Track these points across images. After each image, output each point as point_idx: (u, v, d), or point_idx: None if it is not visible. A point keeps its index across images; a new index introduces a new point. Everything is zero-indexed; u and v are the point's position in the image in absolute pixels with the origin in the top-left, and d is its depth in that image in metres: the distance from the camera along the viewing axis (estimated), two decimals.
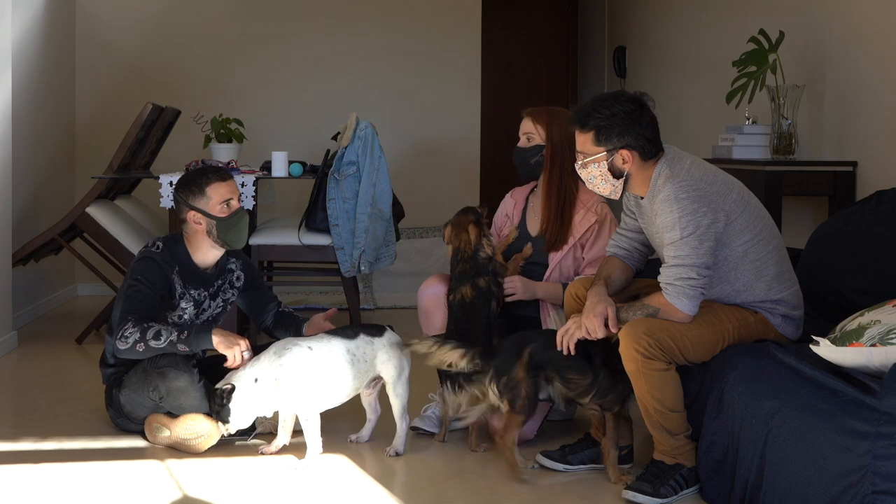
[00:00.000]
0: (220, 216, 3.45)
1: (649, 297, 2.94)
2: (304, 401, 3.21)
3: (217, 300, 3.61)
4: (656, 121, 3.02)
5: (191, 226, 3.47)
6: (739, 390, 2.77)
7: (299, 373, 3.19)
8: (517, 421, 3.09)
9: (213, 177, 3.47)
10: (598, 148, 3.00)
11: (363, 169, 4.80)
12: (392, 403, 3.35)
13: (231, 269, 3.65)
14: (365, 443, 3.46)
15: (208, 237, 3.47)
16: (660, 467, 2.95)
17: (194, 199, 3.45)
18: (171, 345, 3.28)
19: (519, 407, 3.07)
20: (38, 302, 5.67)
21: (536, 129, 3.60)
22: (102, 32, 6.48)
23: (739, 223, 2.93)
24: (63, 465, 3.22)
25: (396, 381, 3.33)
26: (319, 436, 3.23)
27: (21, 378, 4.46)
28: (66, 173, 6.26)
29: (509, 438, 3.09)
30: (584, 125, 3.01)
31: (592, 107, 3.01)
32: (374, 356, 3.32)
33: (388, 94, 6.75)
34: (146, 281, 3.38)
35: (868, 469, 2.32)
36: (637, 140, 2.97)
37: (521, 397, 3.07)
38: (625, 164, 3.00)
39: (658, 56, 6.51)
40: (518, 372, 3.07)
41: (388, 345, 3.34)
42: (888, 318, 2.58)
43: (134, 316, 3.32)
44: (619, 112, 2.97)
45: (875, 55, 4.01)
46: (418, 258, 6.53)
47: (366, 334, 3.33)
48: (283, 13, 6.67)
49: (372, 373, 3.34)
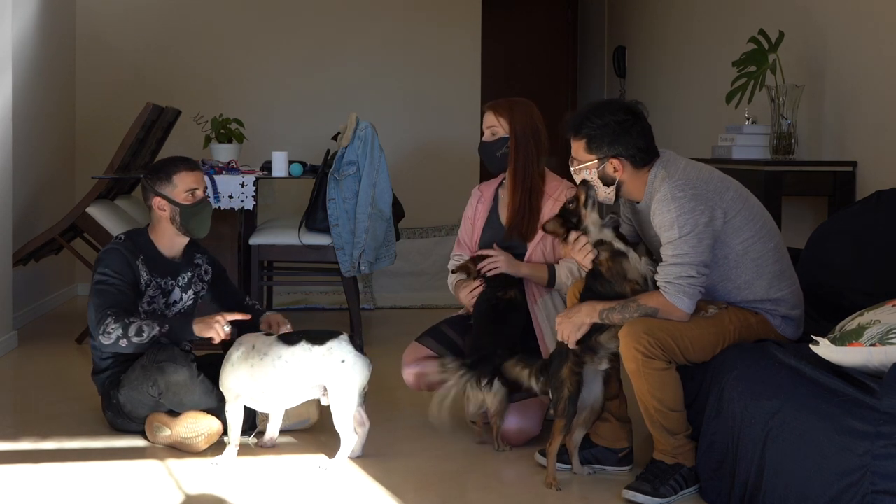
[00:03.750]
0: (184, 203, 3.52)
1: (645, 297, 2.94)
2: (228, 392, 3.29)
3: (188, 293, 3.65)
4: (650, 129, 3.03)
5: (155, 212, 3.55)
6: (739, 390, 2.77)
7: (233, 366, 3.28)
8: (560, 426, 3.05)
9: (181, 165, 3.57)
10: (589, 156, 3.03)
11: (363, 169, 4.81)
12: (332, 413, 3.23)
13: (198, 264, 3.71)
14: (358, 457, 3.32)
15: (172, 224, 3.54)
16: (660, 467, 2.95)
17: (161, 186, 3.53)
18: (152, 338, 3.32)
19: (560, 410, 3.04)
20: (38, 302, 5.67)
21: (499, 122, 3.60)
22: (102, 32, 6.49)
23: (738, 220, 2.94)
24: (63, 465, 3.22)
25: (335, 391, 3.19)
26: (239, 430, 3.29)
27: (21, 378, 4.46)
28: (66, 173, 6.26)
29: (554, 447, 3.06)
30: (577, 133, 3.04)
31: (585, 115, 3.03)
32: (314, 364, 3.22)
33: (388, 94, 6.75)
34: (113, 273, 3.42)
35: (868, 469, 2.32)
36: (628, 149, 2.99)
37: (563, 398, 3.04)
38: (616, 173, 3.01)
39: (658, 56, 6.51)
40: (564, 370, 3.04)
41: (329, 354, 3.21)
42: (888, 318, 2.58)
43: (112, 311, 3.36)
44: (610, 122, 2.98)
45: (875, 55, 4.01)
46: (418, 258, 6.53)
47: (308, 342, 3.25)
48: (284, 13, 6.67)
49: (312, 381, 3.25)
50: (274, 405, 3.34)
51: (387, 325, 5.73)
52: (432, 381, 3.48)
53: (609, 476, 3.15)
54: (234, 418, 3.30)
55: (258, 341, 3.31)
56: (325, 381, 3.22)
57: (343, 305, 6.03)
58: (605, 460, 3.21)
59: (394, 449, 3.44)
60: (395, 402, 4.04)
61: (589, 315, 3.00)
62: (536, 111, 3.62)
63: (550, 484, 3.03)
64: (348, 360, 3.20)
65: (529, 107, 3.62)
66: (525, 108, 3.60)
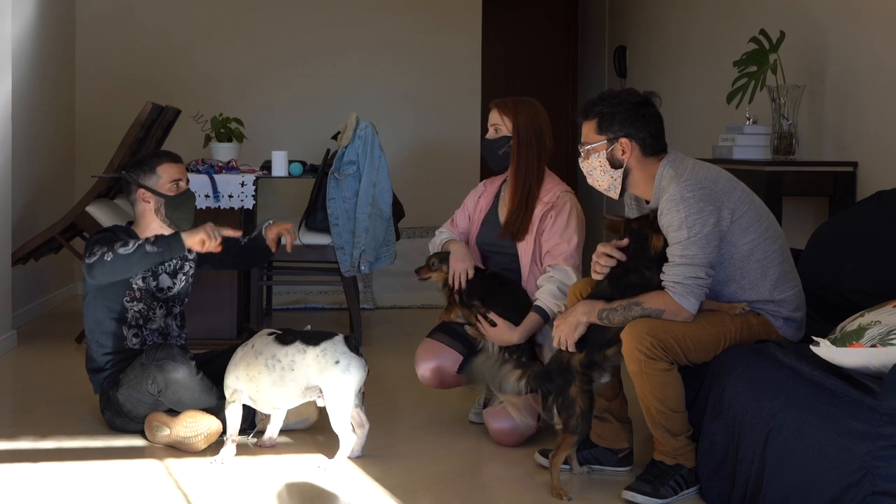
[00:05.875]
0: (168, 194, 3.55)
1: (649, 298, 2.92)
2: (227, 389, 3.33)
3: (178, 276, 3.66)
4: (661, 120, 3.03)
5: (140, 205, 3.58)
6: (739, 391, 2.77)
7: (234, 364, 3.32)
8: (570, 441, 3.02)
9: (164, 157, 3.61)
10: (599, 136, 3.02)
11: (363, 168, 4.80)
12: (329, 415, 3.22)
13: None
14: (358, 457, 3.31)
15: (156, 216, 3.57)
16: (660, 468, 2.95)
17: (144, 178, 3.56)
18: (138, 248, 3.32)
19: (572, 427, 2.99)
20: (38, 301, 5.67)
21: (503, 120, 3.59)
22: (102, 32, 6.48)
23: (745, 220, 2.93)
24: (62, 465, 3.22)
25: (330, 392, 3.17)
26: (237, 428, 3.31)
27: (21, 377, 4.46)
28: (66, 173, 6.26)
29: (559, 459, 3.02)
30: (589, 113, 3.04)
31: (599, 97, 3.05)
32: (306, 366, 3.20)
33: (388, 93, 6.75)
34: (106, 239, 3.42)
35: (868, 470, 2.32)
36: (638, 132, 2.98)
37: (576, 416, 2.99)
38: (624, 155, 3.00)
39: (658, 56, 6.51)
40: (573, 389, 2.99)
41: (322, 355, 3.18)
42: (888, 319, 2.58)
43: (100, 241, 3.38)
44: (624, 101, 3.00)
45: (875, 55, 4.01)
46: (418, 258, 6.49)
47: (303, 342, 3.23)
48: (284, 13, 6.67)
49: (304, 382, 3.23)
50: (271, 405, 3.33)
51: (387, 325, 5.73)
52: (449, 376, 3.56)
53: (609, 476, 3.15)
54: (232, 416, 3.31)
55: (258, 341, 3.31)
56: (319, 383, 3.20)
57: (343, 305, 6.03)
58: (606, 461, 3.21)
59: (393, 449, 3.44)
60: (394, 403, 4.04)
61: (586, 314, 2.97)
62: (542, 112, 3.61)
63: (560, 494, 2.96)
64: (342, 362, 3.17)
65: (535, 107, 3.60)
66: (530, 109, 3.59)
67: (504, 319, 3.45)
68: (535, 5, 8.37)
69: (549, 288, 3.43)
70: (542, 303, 3.43)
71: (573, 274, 3.44)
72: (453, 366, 3.57)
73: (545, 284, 3.45)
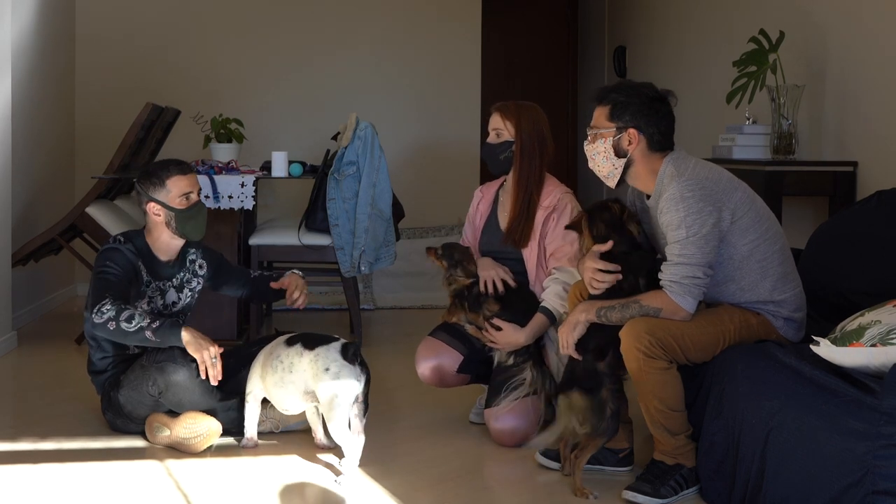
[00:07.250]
0: (178, 208, 3.52)
1: (647, 296, 2.93)
2: (246, 387, 3.40)
3: (184, 291, 3.66)
4: (673, 119, 3.04)
5: (150, 217, 3.55)
6: (740, 390, 2.77)
7: (254, 364, 3.39)
8: (598, 443, 3.01)
9: (174, 170, 3.55)
10: (609, 123, 3.03)
11: (363, 169, 4.80)
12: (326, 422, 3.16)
13: (192, 259, 3.71)
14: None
15: (167, 228, 3.54)
16: (660, 467, 2.95)
17: (154, 191, 3.52)
18: (140, 331, 3.29)
19: (602, 429, 2.98)
20: (38, 302, 5.67)
21: (505, 125, 3.58)
22: (102, 32, 6.48)
23: (745, 221, 2.93)
24: (62, 466, 3.22)
25: (321, 398, 3.12)
26: (253, 426, 3.39)
27: (21, 378, 4.46)
28: (66, 173, 6.26)
29: (583, 460, 3.02)
30: (604, 99, 3.06)
31: (618, 84, 3.07)
32: (302, 369, 3.18)
33: (388, 94, 6.75)
34: (116, 266, 3.43)
35: (868, 469, 2.32)
36: (648, 126, 2.99)
37: (606, 418, 2.98)
38: (630, 146, 3.01)
39: (658, 56, 6.51)
40: (604, 392, 2.99)
41: (315, 360, 3.14)
42: (888, 319, 2.58)
43: (111, 294, 3.36)
44: (641, 94, 3.02)
45: (875, 55, 4.01)
46: (418, 258, 6.52)
47: (302, 345, 3.23)
48: (284, 14, 6.67)
49: (303, 386, 3.21)
50: (280, 406, 3.33)
51: (387, 325, 5.72)
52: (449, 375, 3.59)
53: (609, 476, 3.15)
54: (246, 415, 3.39)
55: (275, 341, 3.36)
56: (312, 387, 3.18)
57: (343, 306, 6.02)
58: (606, 461, 3.20)
59: (393, 449, 3.44)
60: (394, 403, 4.04)
61: (585, 312, 2.99)
62: (543, 117, 3.61)
63: (585, 494, 2.95)
64: (332, 369, 3.11)
65: (537, 112, 3.60)
66: (532, 114, 3.58)
67: (509, 322, 3.45)
68: (535, 5, 8.37)
69: (555, 289, 3.44)
70: (548, 303, 3.45)
71: (577, 274, 3.44)
72: (453, 365, 3.58)
73: (550, 285, 3.46)
